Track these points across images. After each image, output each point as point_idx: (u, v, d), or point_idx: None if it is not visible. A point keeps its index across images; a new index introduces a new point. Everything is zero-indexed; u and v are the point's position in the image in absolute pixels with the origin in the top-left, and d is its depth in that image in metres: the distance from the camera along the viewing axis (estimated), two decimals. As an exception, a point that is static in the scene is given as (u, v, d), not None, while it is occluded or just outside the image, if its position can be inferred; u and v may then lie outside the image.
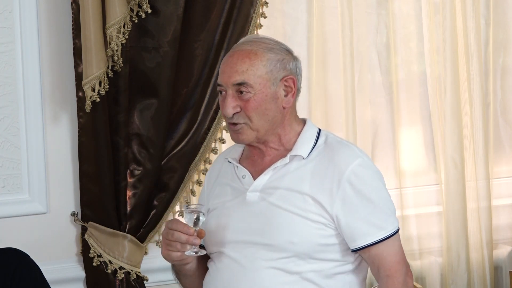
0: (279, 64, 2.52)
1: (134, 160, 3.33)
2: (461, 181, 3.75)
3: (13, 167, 3.27)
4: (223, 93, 2.53)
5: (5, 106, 3.25)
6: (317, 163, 2.52)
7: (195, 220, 2.42)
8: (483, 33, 3.83)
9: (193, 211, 2.43)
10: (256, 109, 2.50)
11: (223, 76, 2.52)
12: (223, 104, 2.52)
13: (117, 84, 3.25)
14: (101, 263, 3.32)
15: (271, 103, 2.52)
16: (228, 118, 2.52)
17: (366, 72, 3.67)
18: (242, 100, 2.50)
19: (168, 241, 2.45)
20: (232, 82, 2.49)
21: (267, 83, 2.50)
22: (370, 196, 2.48)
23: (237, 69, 2.49)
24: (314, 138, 2.57)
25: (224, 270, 2.53)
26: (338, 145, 2.55)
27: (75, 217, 3.34)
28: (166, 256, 2.49)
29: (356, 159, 2.50)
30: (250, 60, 2.50)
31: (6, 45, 3.24)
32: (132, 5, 3.21)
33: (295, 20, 3.63)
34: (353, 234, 2.47)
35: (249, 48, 2.52)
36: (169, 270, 2.76)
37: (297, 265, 2.47)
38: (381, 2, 3.72)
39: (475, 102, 3.79)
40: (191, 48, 3.34)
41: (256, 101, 2.49)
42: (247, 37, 2.65)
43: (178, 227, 2.43)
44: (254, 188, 2.53)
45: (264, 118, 2.51)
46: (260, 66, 2.50)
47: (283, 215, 2.48)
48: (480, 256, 3.79)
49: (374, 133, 3.73)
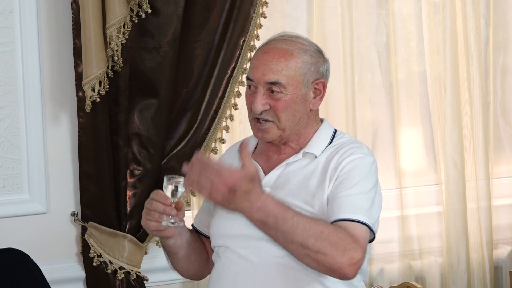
0: (313, 67, 2.53)
1: (134, 160, 3.32)
2: (461, 181, 3.75)
3: (13, 167, 3.27)
4: (252, 88, 2.52)
5: (5, 106, 3.25)
6: (327, 160, 2.52)
7: (173, 191, 2.42)
8: (483, 33, 3.83)
9: (172, 182, 2.43)
10: (286, 109, 2.50)
11: (255, 72, 2.50)
12: (253, 100, 2.50)
13: (117, 84, 3.25)
14: (101, 263, 3.32)
15: (300, 105, 2.52)
16: (256, 114, 2.51)
17: (366, 72, 3.67)
18: (273, 99, 2.49)
19: (148, 210, 2.46)
20: (266, 80, 2.49)
21: (299, 85, 2.51)
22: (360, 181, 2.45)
23: (272, 68, 2.48)
24: (329, 137, 2.58)
25: (231, 265, 2.52)
26: (349, 144, 2.56)
27: (75, 217, 3.34)
28: (144, 226, 2.49)
29: (359, 152, 2.51)
30: (286, 60, 2.49)
31: (6, 45, 3.24)
32: (132, 5, 3.21)
33: (295, 20, 3.63)
34: (338, 205, 2.42)
35: (285, 47, 2.51)
36: (169, 270, 2.77)
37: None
38: (381, 2, 3.72)
39: (475, 102, 3.79)
40: (191, 48, 3.34)
41: (287, 102, 2.49)
42: (282, 34, 2.61)
43: (157, 197, 2.44)
44: (266, 183, 2.52)
45: (292, 118, 2.52)
46: (295, 67, 2.50)
47: None
48: (480, 256, 3.79)
49: (374, 133, 3.74)
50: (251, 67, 2.53)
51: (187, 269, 2.69)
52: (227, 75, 3.38)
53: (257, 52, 2.56)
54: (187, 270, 2.70)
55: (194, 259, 2.66)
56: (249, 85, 2.53)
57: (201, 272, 2.72)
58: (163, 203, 2.43)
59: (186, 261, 2.65)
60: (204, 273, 2.73)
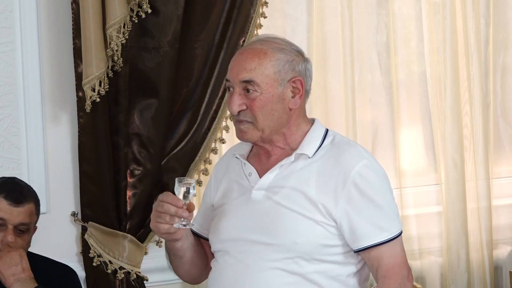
0: (288, 65, 2.52)
1: (134, 160, 3.33)
2: (461, 181, 3.75)
3: (13, 167, 3.27)
4: (231, 90, 2.53)
5: (5, 106, 3.25)
6: (323, 163, 2.51)
7: (185, 193, 2.43)
8: (483, 33, 3.83)
9: (184, 184, 2.43)
10: (262, 108, 2.49)
11: (231, 73, 2.52)
12: (229, 101, 2.52)
13: (117, 84, 3.25)
14: (101, 263, 3.32)
15: (277, 104, 2.51)
16: (233, 114, 2.52)
17: (366, 72, 3.67)
18: (249, 99, 2.49)
19: (158, 212, 2.45)
20: (240, 79, 2.49)
21: (274, 83, 2.50)
22: (375, 198, 2.47)
23: (246, 67, 2.49)
24: (320, 138, 2.56)
25: (227, 269, 2.53)
26: (344, 145, 2.54)
27: (75, 217, 3.34)
28: (154, 228, 2.48)
29: (362, 160, 2.49)
30: (259, 59, 2.50)
31: (6, 45, 3.24)
32: (132, 5, 3.21)
33: (295, 20, 3.63)
34: (356, 234, 2.47)
35: (260, 47, 2.52)
36: (169, 270, 2.77)
37: (301, 266, 2.46)
38: (381, 2, 3.72)
39: (475, 102, 3.79)
40: (191, 48, 3.34)
41: (262, 101, 2.49)
42: (260, 35, 2.65)
43: (168, 199, 2.43)
44: (260, 186, 2.53)
45: (270, 118, 2.51)
46: (269, 65, 2.50)
47: (288, 215, 2.47)
48: (480, 256, 3.79)
49: (374, 133, 3.73)
50: (229, 68, 2.55)
51: (189, 273, 2.69)
52: (227, 75, 3.38)
53: (235, 55, 2.58)
54: (189, 274, 2.69)
55: (197, 262, 2.66)
56: (228, 86, 2.54)
57: (201, 276, 2.73)
58: (175, 205, 2.42)
59: (190, 264, 2.65)
60: (204, 277, 2.73)
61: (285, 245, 2.46)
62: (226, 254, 2.54)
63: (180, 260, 2.63)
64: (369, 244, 2.47)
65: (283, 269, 2.46)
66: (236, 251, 2.51)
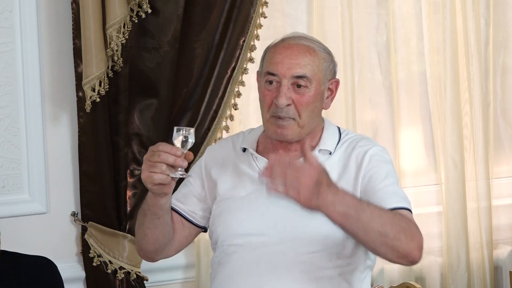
0: (331, 65, 2.55)
1: (134, 160, 3.33)
2: (461, 181, 3.75)
3: (13, 167, 3.27)
4: (273, 84, 2.49)
5: (5, 106, 3.25)
6: (341, 156, 2.53)
7: (183, 142, 2.34)
8: (483, 33, 3.83)
9: (182, 132, 2.34)
10: (308, 105, 2.49)
11: (280, 66, 2.48)
12: (277, 95, 2.47)
13: (117, 84, 3.25)
14: (101, 263, 3.32)
15: (319, 102, 2.53)
16: (277, 110, 2.47)
17: (366, 72, 3.67)
18: (297, 94, 2.48)
19: (152, 162, 2.31)
20: (293, 74, 2.47)
21: (320, 82, 2.51)
22: (389, 172, 2.48)
23: (299, 62, 2.48)
24: (336, 134, 2.58)
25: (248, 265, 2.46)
26: (358, 137, 2.58)
27: (75, 217, 3.35)
28: (146, 178, 2.33)
29: (375, 146, 2.54)
30: (311, 55, 2.50)
31: (6, 45, 3.24)
32: (132, 5, 3.21)
33: (295, 20, 3.63)
34: (383, 196, 2.42)
35: (306, 44, 2.51)
36: (169, 270, 2.76)
37: (325, 260, 2.43)
38: (381, 2, 3.72)
39: (475, 102, 3.79)
40: (191, 48, 3.34)
41: (310, 97, 2.49)
42: (295, 33, 2.60)
43: (165, 148, 2.30)
44: None
45: (311, 115, 2.51)
46: (319, 63, 2.50)
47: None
48: (480, 256, 3.79)
49: (374, 133, 3.73)
50: (273, 61, 2.49)
51: (156, 239, 2.53)
52: (227, 75, 3.38)
53: (275, 48, 2.52)
54: (155, 241, 2.54)
55: (168, 230, 2.54)
56: (270, 80, 2.50)
57: (165, 247, 2.58)
58: (174, 154, 2.31)
59: (163, 228, 2.51)
60: (165, 252, 2.60)
61: (309, 239, 2.43)
62: (243, 248, 2.48)
63: (157, 220, 2.48)
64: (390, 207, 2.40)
65: (308, 262, 2.43)
66: (259, 246, 2.46)
